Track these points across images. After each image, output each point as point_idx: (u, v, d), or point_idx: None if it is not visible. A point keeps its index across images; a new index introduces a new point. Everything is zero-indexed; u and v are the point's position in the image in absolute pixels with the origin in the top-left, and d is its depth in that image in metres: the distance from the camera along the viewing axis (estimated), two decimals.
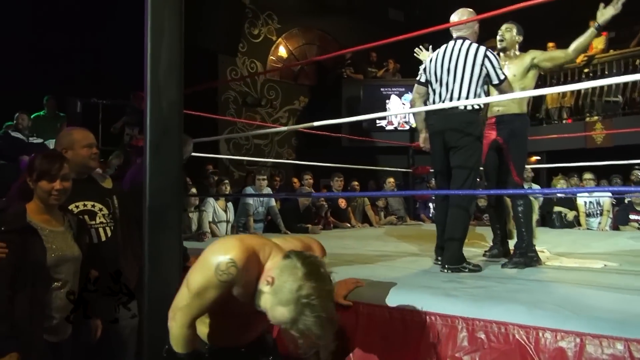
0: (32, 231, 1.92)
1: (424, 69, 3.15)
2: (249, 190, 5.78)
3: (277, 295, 1.45)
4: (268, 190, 5.95)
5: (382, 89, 9.92)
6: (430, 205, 8.04)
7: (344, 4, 10.51)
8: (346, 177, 7.01)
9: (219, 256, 1.51)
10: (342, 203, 6.87)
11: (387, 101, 9.90)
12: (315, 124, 2.96)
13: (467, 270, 2.77)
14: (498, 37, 3.31)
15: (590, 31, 3.06)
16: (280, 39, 10.15)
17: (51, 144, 6.29)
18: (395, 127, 9.87)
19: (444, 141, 2.99)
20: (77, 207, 2.39)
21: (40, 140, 6.23)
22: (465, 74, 2.93)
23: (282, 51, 10.18)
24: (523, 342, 1.71)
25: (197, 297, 1.55)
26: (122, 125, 6.57)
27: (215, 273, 1.50)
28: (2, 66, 6.59)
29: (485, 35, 3.21)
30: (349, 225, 6.73)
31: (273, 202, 5.79)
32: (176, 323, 1.60)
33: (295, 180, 7.32)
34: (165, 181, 2.10)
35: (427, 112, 3.09)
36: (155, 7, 2.09)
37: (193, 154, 4.02)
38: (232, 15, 8.61)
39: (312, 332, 1.40)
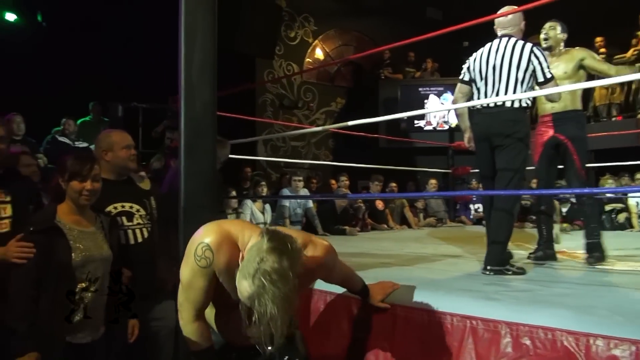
0: (58, 231, 1.94)
1: (468, 68, 3.05)
2: (286, 192, 5.79)
3: (243, 269, 1.40)
4: (305, 192, 5.94)
5: (420, 89, 9.76)
6: (471, 206, 7.84)
7: (381, 5, 10.41)
8: (384, 179, 6.93)
9: (196, 242, 1.55)
10: (380, 205, 6.79)
11: (425, 101, 9.74)
12: (351, 123, 2.91)
13: (510, 272, 2.66)
14: (542, 36, 3.22)
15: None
16: (316, 41, 10.15)
17: None
18: (434, 127, 9.69)
19: (490, 140, 2.88)
20: (115, 208, 2.43)
21: (85, 144, 6.45)
22: (512, 71, 2.82)
23: (319, 53, 10.18)
24: (572, 350, 1.61)
25: (189, 288, 1.59)
26: (163, 129, 6.71)
27: (194, 260, 1.55)
28: (50, 74, 6.87)
29: (531, 30, 3.09)
30: (386, 227, 6.64)
31: (310, 203, 5.77)
32: (183, 320, 1.63)
33: (333, 181, 7.29)
34: (200, 182, 2.11)
35: (472, 111, 2.99)
36: (189, 8, 2.10)
37: (231, 156, 4.06)
38: (269, 19, 8.67)
39: (267, 309, 1.34)
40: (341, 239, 5.13)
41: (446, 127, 9.55)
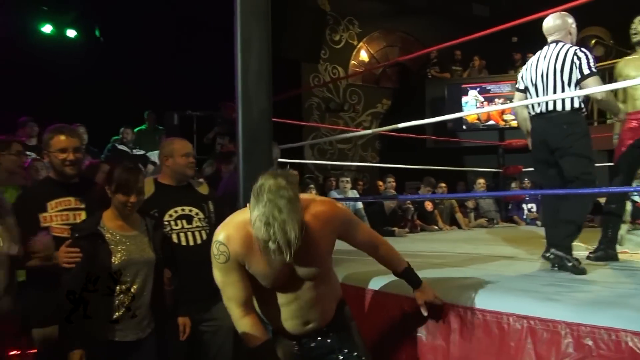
0: (100, 237, 2.05)
1: (521, 76, 3.08)
2: (334, 194, 5.84)
3: (252, 210, 1.54)
4: (354, 194, 5.97)
5: (467, 88, 9.60)
6: (524, 206, 7.63)
7: (425, 4, 10.32)
8: (435, 182, 6.88)
9: (212, 244, 1.68)
10: (429, 206, 6.72)
11: (464, 97, 9.56)
12: (401, 125, 2.94)
13: (570, 264, 2.62)
14: (632, 31, 3.18)
15: None
16: (361, 43, 10.18)
17: (152, 155, 6.80)
18: (483, 126, 9.50)
19: (547, 145, 2.87)
20: (175, 211, 2.56)
21: (142, 152, 6.77)
22: (557, 76, 2.83)
23: (364, 55, 10.20)
24: (638, 351, 1.57)
25: (225, 287, 1.70)
26: (214, 135, 6.94)
27: (215, 260, 1.67)
28: (108, 86, 7.26)
29: (587, 19, 3.04)
30: (436, 228, 6.57)
31: (359, 205, 5.78)
32: (234, 319, 1.72)
33: (380, 183, 7.29)
34: None
35: (530, 116, 3.01)
36: (244, 18, 2.19)
37: (280, 159, 4.16)
38: (314, 23, 8.77)
39: (279, 216, 1.48)
40: (390, 240, 5.08)
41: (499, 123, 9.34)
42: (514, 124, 9.28)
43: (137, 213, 2.20)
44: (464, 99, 9.46)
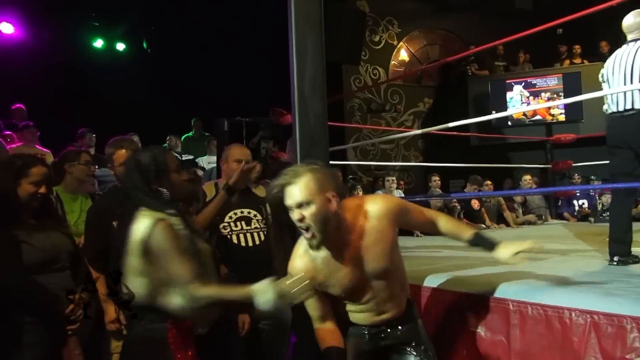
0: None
1: (602, 74, 3.11)
2: (379, 194, 5.87)
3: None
4: (398, 193, 5.98)
5: (512, 83, 9.42)
6: (575, 202, 7.44)
7: (466, 0, 10.19)
8: (482, 180, 6.80)
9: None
10: (476, 204, 6.66)
11: (508, 93, 9.36)
12: (452, 124, 2.96)
13: (630, 261, 2.64)
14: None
15: None
16: (401, 43, 10.16)
17: (201, 161, 7.03)
18: (530, 121, 9.30)
19: (629, 145, 2.86)
20: (235, 214, 2.70)
21: (191, 157, 7.03)
22: (634, 74, 2.81)
23: (404, 54, 10.18)
24: None
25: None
26: (258, 139, 7.11)
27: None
28: (157, 95, 7.56)
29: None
30: (483, 226, 6.49)
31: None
32: (314, 326, 1.85)
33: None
34: None
35: (606, 116, 3.03)
36: (299, 25, 2.29)
37: (339, 162, 4.24)
38: (354, 25, 8.82)
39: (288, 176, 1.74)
40: (437, 239, 5.12)
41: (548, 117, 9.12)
42: (562, 118, 9.06)
43: None
44: (508, 95, 9.29)
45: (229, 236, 2.66)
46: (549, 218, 7.35)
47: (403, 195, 6.36)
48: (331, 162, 5.24)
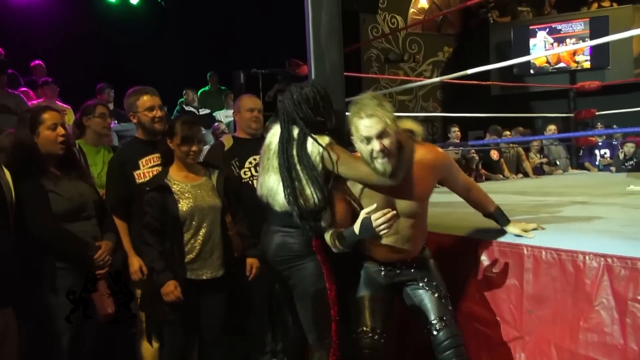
0: (167, 189, 2.27)
1: None
2: None
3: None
4: None
5: (535, 29, 9.10)
6: (597, 152, 7.32)
7: None
8: (501, 129, 6.70)
9: None
10: (495, 154, 6.60)
11: (531, 39, 9.06)
12: (470, 71, 2.92)
13: None
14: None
15: None
16: None
17: (219, 115, 7.07)
18: (553, 69, 9.04)
19: None
20: (255, 159, 2.77)
21: (207, 111, 7.06)
22: None
23: (423, 2, 9.84)
24: None
25: None
26: (275, 92, 7.08)
27: None
28: (172, 49, 7.52)
29: None
30: (502, 176, 6.46)
31: None
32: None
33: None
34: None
35: None
36: None
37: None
38: None
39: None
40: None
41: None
42: (587, 65, 8.78)
43: (200, 164, 2.42)
44: (531, 42, 9.00)
45: (250, 181, 2.73)
46: (569, 168, 7.27)
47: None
48: (347, 113, 5.24)
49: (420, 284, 2.07)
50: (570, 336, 1.91)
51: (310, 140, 1.98)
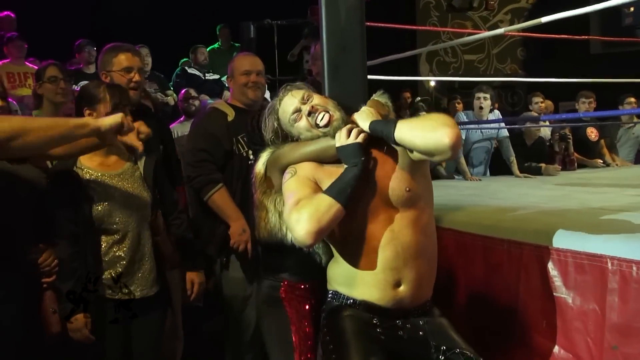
0: (75, 178, 2.18)
1: None
2: (460, 117, 5.61)
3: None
4: (495, 116, 5.63)
5: None
6: None
7: None
8: (599, 97, 6.44)
9: None
10: (593, 133, 6.36)
11: None
12: (544, 19, 2.76)
13: None
14: None
15: None
16: None
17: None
18: None
19: None
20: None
21: (216, 77, 7.06)
22: None
23: None
24: None
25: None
26: (300, 50, 7.00)
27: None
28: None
29: None
30: (601, 162, 6.23)
31: (505, 132, 5.49)
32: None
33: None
34: (348, 107, 2.21)
35: None
36: None
37: (385, 77, 4.13)
38: None
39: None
40: (535, 180, 4.97)
41: None
42: None
43: (122, 146, 2.27)
44: None
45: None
46: None
47: (500, 116, 6.10)
48: (395, 77, 5.12)
49: (442, 357, 1.85)
50: None
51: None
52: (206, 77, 6.90)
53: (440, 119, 1.76)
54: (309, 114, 1.91)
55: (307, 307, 2.16)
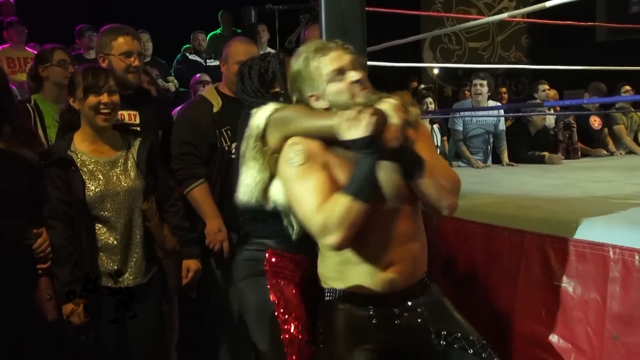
0: (70, 162, 2.17)
1: None
2: (463, 105, 5.58)
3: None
4: (493, 103, 5.60)
5: None
6: None
7: None
8: (608, 85, 6.40)
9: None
10: (596, 122, 6.33)
11: None
12: (549, 4, 2.72)
13: None
14: None
15: None
16: None
17: None
18: None
19: None
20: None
21: (218, 63, 7.02)
22: None
23: None
24: None
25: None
26: (297, 37, 6.95)
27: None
28: None
29: None
30: (605, 152, 6.20)
31: (502, 125, 5.47)
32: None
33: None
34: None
35: None
36: None
37: (389, 64, 4.10)
38: None
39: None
40: (538, 168, 4.94)
41: None
42: None
43: (116, 131, 2.31)
44: None
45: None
46: None
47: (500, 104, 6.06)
48: (398, 64, 5.09)
49: (443, 343, 1.82)
50: None
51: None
52: (207, 64, 6.88)
53: (455, 182, 1.85)
54: (357, 81, 1.76)
55: (295, 278, 2.10)
